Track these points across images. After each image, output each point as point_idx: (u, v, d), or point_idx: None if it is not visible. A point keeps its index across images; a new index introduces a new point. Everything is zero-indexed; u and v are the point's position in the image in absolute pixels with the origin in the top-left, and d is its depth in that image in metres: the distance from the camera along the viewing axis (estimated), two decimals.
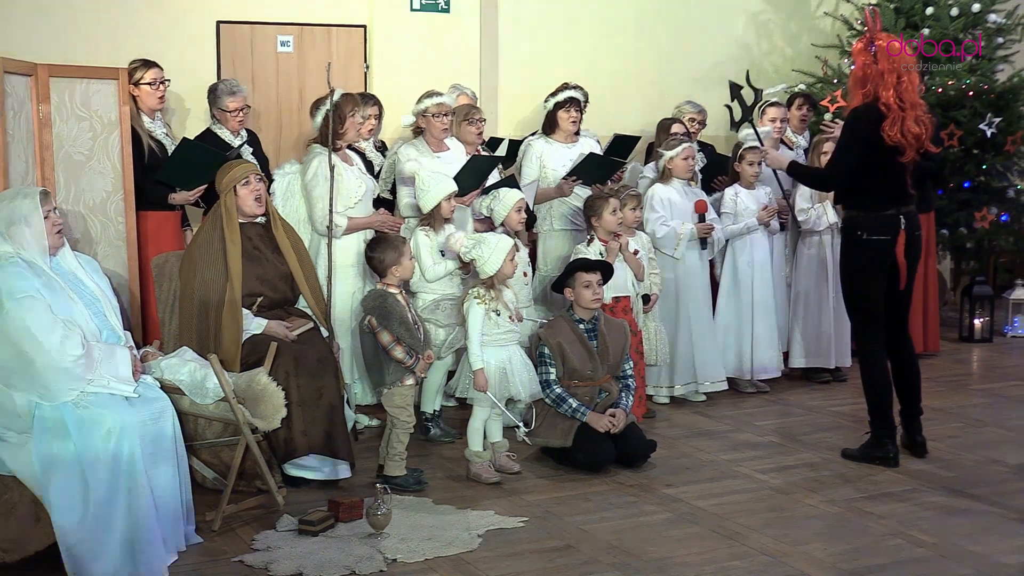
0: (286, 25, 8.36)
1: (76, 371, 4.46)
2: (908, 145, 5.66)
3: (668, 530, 5.02)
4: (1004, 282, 10.07)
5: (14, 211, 4.63)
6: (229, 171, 5.67)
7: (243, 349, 5.39)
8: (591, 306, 5.99)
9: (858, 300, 5.97)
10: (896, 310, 5.99)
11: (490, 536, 4.91)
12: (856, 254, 5.91)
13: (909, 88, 5.68)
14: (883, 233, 5.81)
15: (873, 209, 5.83)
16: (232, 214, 5.58)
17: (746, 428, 6.70)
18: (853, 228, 5.91)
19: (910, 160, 5.72)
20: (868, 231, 5.82)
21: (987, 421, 6.77)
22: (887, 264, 5.85)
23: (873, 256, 5.84)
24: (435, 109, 6.73)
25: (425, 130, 6.81)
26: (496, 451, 5.83)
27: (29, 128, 6.09)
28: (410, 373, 5.51)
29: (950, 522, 5.12)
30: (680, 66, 9.53)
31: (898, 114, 5.62)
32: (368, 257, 5.80)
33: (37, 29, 7.61)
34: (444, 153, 6.79)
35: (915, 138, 5.66)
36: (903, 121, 5.63)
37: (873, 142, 5.68)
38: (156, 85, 6.71)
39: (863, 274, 5.89)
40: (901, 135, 5.63)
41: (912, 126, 5.64)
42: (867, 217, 5.84)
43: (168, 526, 4.59)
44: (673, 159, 7.17)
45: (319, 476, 5.52)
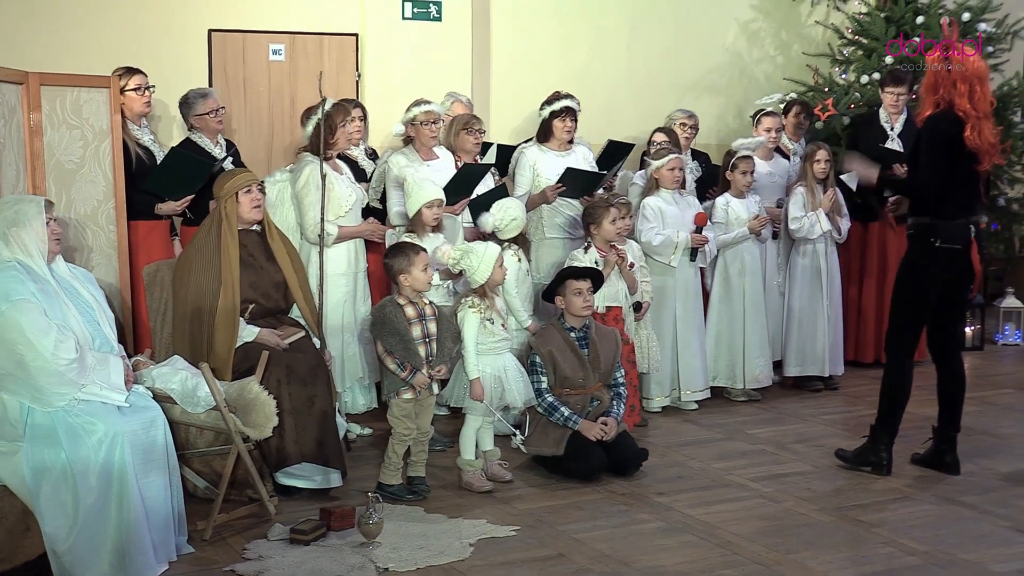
0: (278, 33, 8.35)
1: (69, 375, 4.47)
2: (986, 152, 5.64)
3: (660, 539, 5.02)
4: (995, 290, 10.09)
5: (19, 213, 4.67)
6: (231, 178, 5.69)
7: (235, 356, 5.40)
8: (582, 314, 5.99)
9: (909, 306, 5.89)
10: (947, 320, 5.97)
11: (482, 545, 4.91)
12: (926, 261, 5.82)
13: (982, 98, 5.65)
14: (956, 242, 5.76)
15: (948, 217, 5.76)
16: (232, 220, 5.59)
17: (738, 437, 6.70)
18: (927, 234, 5.79)
19: (986, 168, 5.69)
20: (942, 239, 5.75)
21: (978, 429, 6.77)
22: (950, 274, 5.81)
23: (943, 264, 5.79)
24: (423, 117, 6.73)
25: (414, 138, 6.80)
26: (488, 460, 5.82)
27: (20, 136, 6.07)
28: (407, 386, 5.49)
29: (942, 530, 5.12)
30: (672, 74, 9.53)
31: (976, 121, 5.60)
32: (383, 263, 5.77)
33: (28, 38, 7.59)
34: (434, 162, 6.78)
35: (991, 146, 5.65)
36: (981, 128, 5.61)
37: (955, 148, 5.65)
38: (142, 91, 6.71)
39: (926, 281, 5.82)
40: (980, 141, 5.61)
41: (989, 134, 5.64)
42: (943, 225, 5.76)
43: (159, 535, 4.59)
44: (660, 169, 7.17)
45: (311, 485, 5.51)
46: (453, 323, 5.64)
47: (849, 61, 9.41)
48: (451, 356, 5.62)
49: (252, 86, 8.29)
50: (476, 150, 7.06)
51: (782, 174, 8.04)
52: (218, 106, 6.89)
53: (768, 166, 7.94)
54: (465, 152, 6.94)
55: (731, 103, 9.77)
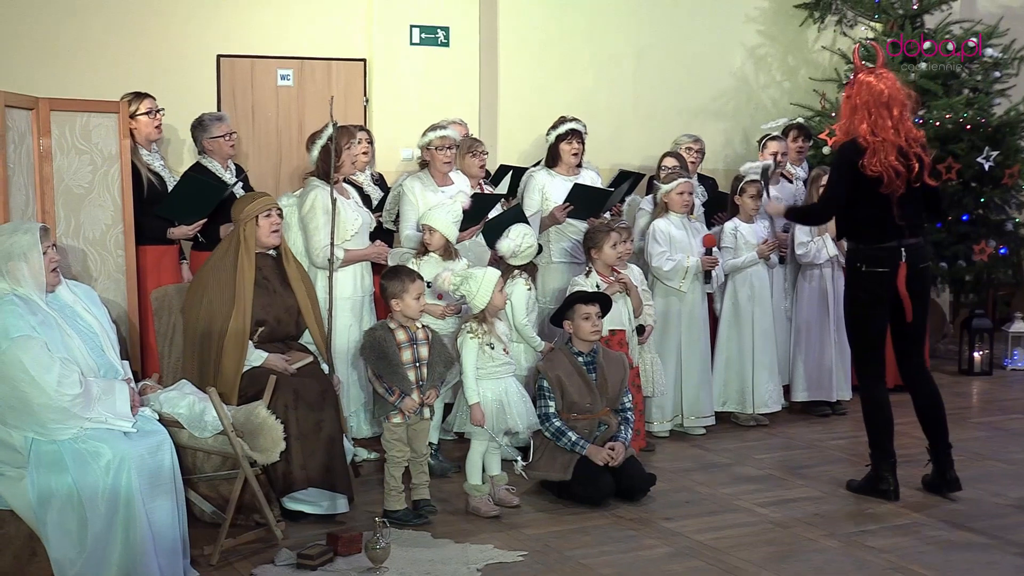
0: (286, 59, 8.40)
1: (73, 410, 4.42)
2: (890, 177, 5.67)
3: (668, 564, 5.00)
4: (1003, 315, 10.07)
5: (13, 246, 4.58)
6: (251, 201, 5.73)
7: (242, 381, 5.40)
8: (590, 338, 5.98)
9: (858, 333, 5.98)
10: (907, 343, 5.99)
11: (489, 570, 4.88)
12: (856, 286, 5.93)
13: (884, 125, 5.68)
14: (882, 265, 5.81)
15: (872, 241, 5.85)
16: (250, 243, 5.62)
17: (746, 462, 6.68)
18: (853, 260, 5.94)
19: (893, 192, 5.72)
20: (867, 263, 5.84)
21: (987, 455, 6.75)
22: (888, 297, 5.85)
23: (873, 288, 5.85)
24: (439, 142, 6.73)
25: (429, 163, 6.81)
26: (495, 484, 5.81)
27: (30, 161, 6.10)
28: (396, 410, 5.48)
29: (951, 556, 5.09)
30: (679, 99, 9.57)
31: (878, 146, 5.66)
32: (379, 285, 5.78)
33: (39, 64, 7.65)
34: (448, 187, 6.78)
35: (894, 171, 5.67)
36: (886, 152, 5.65)
37: (857, 175, 5.71)
38: (152, 115, 6.75)
39: (863, 307, 5.90)
40: (880, 167, 5.66)
41: (893, 159, 5.66)
42: (866, 249, 5.86)
43: (165, 560, 4.56)
44: (669, 193, 7.18)
45: (317, 510, 5.50)
46: (446, 348, 5.64)
47: None
48: (442, 381, 5.62)
49: (260, 111, 8.33)
50: (481, 173, 7.08)
51: (788, 199, 8.03)
52: (231, 130, 6.94)
53: (775, 191, 7.95)
54: (471, 176, 6.96)
55: (738, 128, 9.80)
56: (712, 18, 9.79)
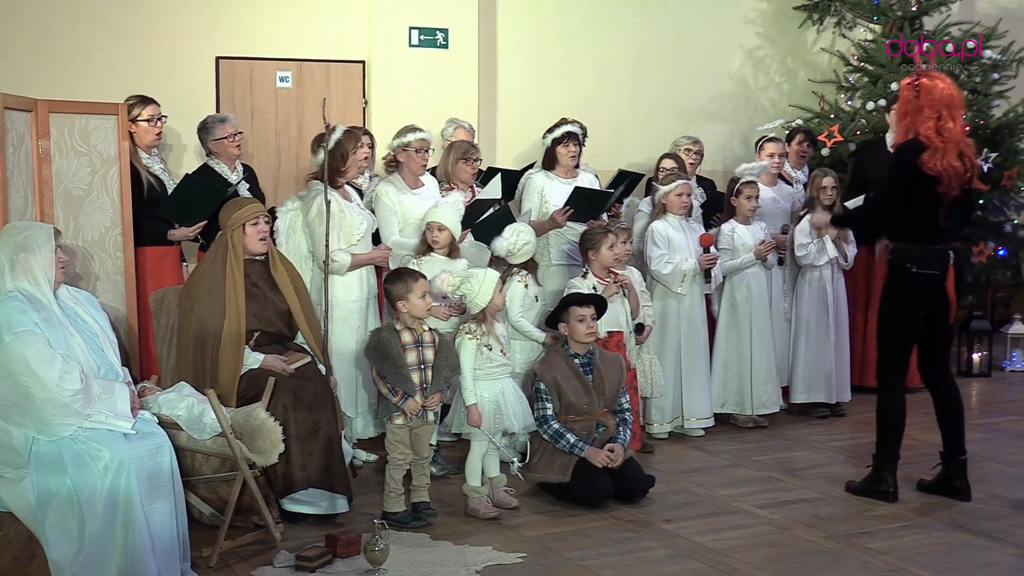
0: (285, 61, 8.40)
1: (74, 406, 4.45)
2: (948, 177, 5.65)
3: (667, 566, 5.00)
4: (1002, 316, 10.08)
5: (28, 238, 4.66)
6: (239, 208, 5.71)
7: (240, 383, 5.40)
8: (586, 340, 5.98)
9: (895, 331, 5.92)
10: (936, 347, 5.98)
11: (488, 572, 4.89)
12: (903, 286, 5.86)
13: (951, 127, 5.67)
14: (933, 267, 5.80)
15: (923, 242, 5.81)
16: (238, 250, 5.61)
17: (745, 463, 6.68)
18: (903, 261, 5.85)
19: (948, 192, 5.68)
20: (918, 264, 5.80)
21: (986, 456, 6.75)
22: (931, 299, 5.83)
23: (921, 289, 5.82)
24: (419, 144, 6.68)
25: (403, 164, 6.73)
26: (494, 486, 5.81)
27: (29, 163, 6.10)
28: (399, 412, 5.48)
29: (951, 558, 5.09)
30: (677, 102, 9.57)
31: (940, 146, 5.63)
32: (383, 289, 5.77)
33: (37, 66, 7.65)
34: (420, 189, 6.75)
35: (955, 171, 5.65)
36: (945, 153, 5.63)
37: (915, 174, 5.67)
38: (154, 122, 6.73)
39: (907, 306, 5.85)
40: (940, 167, 5.63)
41: (954, 159, 5.65)
42: (918, 250, 5.81)
43: (164, 562, 4.56)
44: (667, 195, 7.18)
45: (317, 511, 5.49)
46: (453, 352, 5.64)
47: (855, 88, 9.45)
48: (447, 385, 5.62)
49: (259, 113, 8.33)
50: (472, 180, 7.04)
51: (786, 200, 8.05)
52: (236, 131, 6.93)
53: (772, 192, 7.96)
54: (461, 182, 6.92)
55: (736, 130, 9.80)
56: (711, 20, 9.79)
